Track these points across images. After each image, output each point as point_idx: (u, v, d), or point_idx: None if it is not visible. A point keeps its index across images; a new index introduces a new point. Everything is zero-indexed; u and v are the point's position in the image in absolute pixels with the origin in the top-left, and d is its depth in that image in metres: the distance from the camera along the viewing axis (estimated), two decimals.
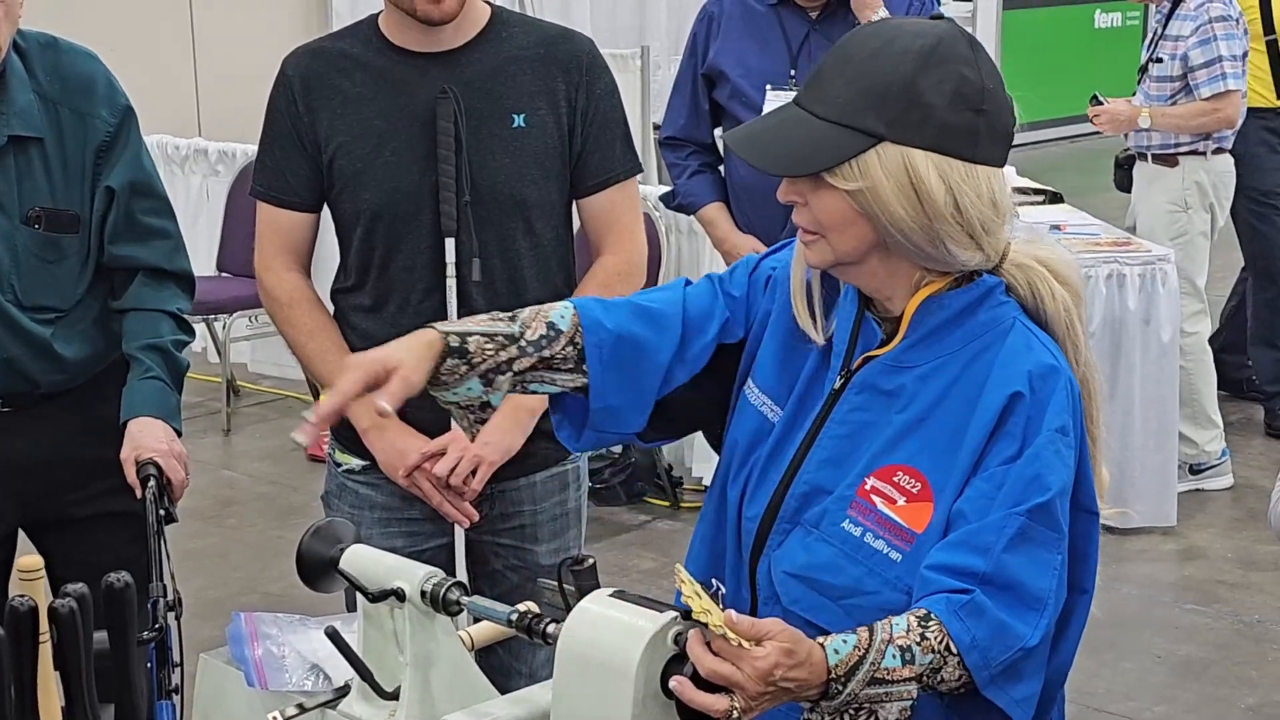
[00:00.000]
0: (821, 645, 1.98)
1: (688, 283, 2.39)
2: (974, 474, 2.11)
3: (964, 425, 2.13)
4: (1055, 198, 7.29)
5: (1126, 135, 6.78)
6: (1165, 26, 6.60)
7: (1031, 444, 2.10)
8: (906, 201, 2.09)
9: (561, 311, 2.28)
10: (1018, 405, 2.11)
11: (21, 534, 3.42)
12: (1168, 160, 6.64)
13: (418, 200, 3.13)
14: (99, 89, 3.28)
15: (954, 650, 2.02)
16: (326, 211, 3.28)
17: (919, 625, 2.02)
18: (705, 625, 1.90)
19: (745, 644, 1.90)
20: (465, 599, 2.16)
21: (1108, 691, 4.99)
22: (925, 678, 2.02)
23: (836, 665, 1.97)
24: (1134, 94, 6.78)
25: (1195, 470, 6.55)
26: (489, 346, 2.22)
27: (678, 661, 1.93)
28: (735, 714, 1.90)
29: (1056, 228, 6.55)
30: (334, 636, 2.17)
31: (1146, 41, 6.83)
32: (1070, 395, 2.15)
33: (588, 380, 2.26)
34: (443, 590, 2.15)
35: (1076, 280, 2.25)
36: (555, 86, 3.17)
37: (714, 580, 1.99)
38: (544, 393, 2.29)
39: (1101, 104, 6.71)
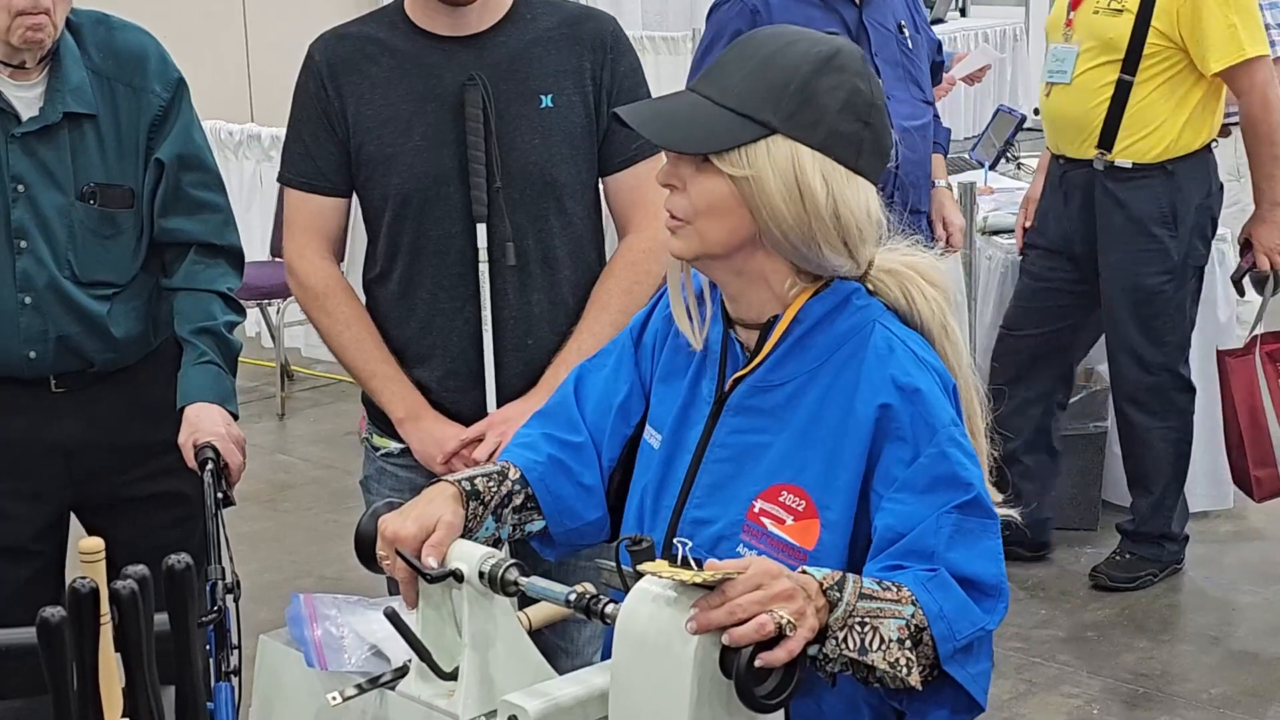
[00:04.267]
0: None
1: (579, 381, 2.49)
2: (881, 486, 2.13)
3: (839, 439, 2.16)
4: None
5: None
6: None
7: (931, 441, 2.12)
8: (789, 196, 2.12)
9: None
10: (892, 413, 2.13)
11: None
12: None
13: (447, 184, 3.13)
14: (151, 63, 3.30)
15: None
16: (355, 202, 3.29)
17: (891, 581, 2.06)
18: (702, 585, 1.92)
19: (732, 574, 1.93)
20: (523, 579, 2.16)
21: (1164, 673, 4.97)
22: (913, 634, 2.03)
23: (823, 579, 2.00)
24: None
25: None
26: (490, 485, 2.36)
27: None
28: (784, 620, 1.92)
29: None
30: (393, 617, 2.17)
31: None
32: (943, 389, 2.18)
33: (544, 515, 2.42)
34: (501, 571, 2.15)
35: (945, 283, 2.29)
36: (581, 65, 3.18)
37: (675, 542, 2.01)
38: (536, 530, 2.42)
39: None
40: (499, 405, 3.16)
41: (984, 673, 2.11)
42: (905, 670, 2.02)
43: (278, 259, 7.82)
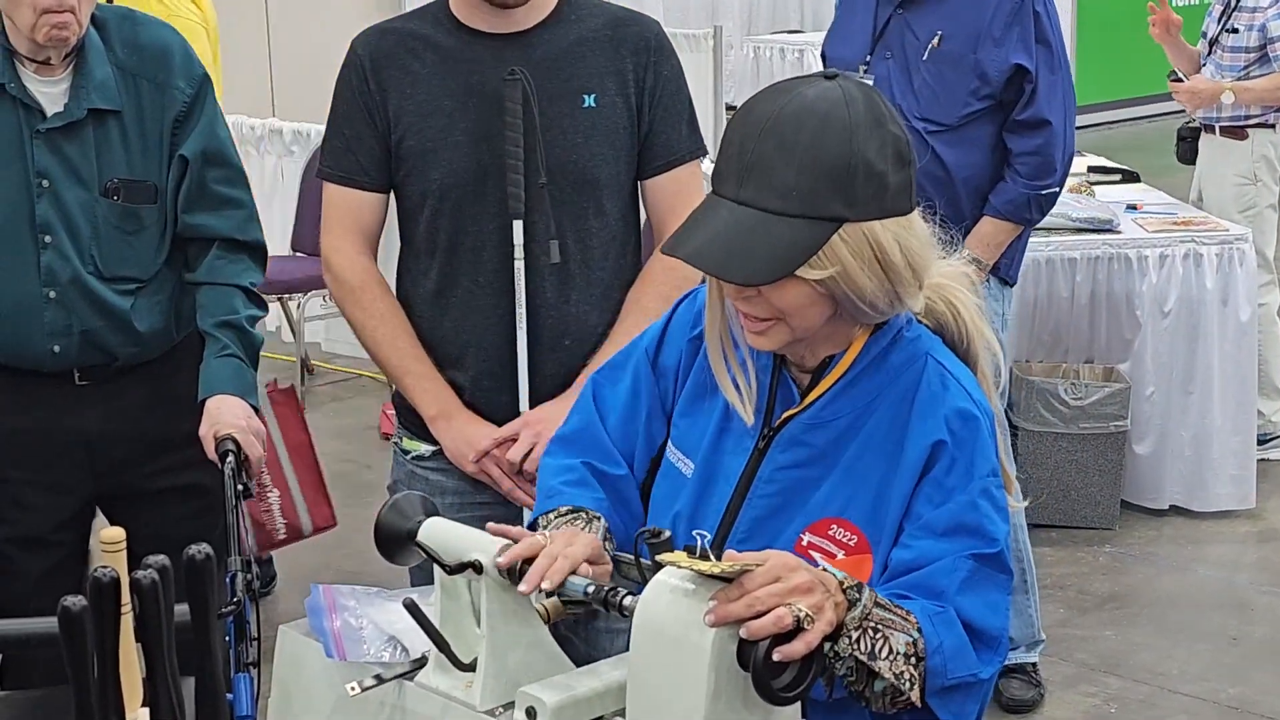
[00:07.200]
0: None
1: (596, 395, 2.44)
2: (907, 521, 2.14)
3: (891, 475, 2.16)
4: (1131, 177, 7.24)
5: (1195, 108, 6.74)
6: None
7: (964, 489, 2.12)
8: (873, 274, 2.09)
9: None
10: (941, 452, 2.13)
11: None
12: (1236, 133, 6.60)
13: (486, 181, 3.12)
14: (175, 59, 3.31)
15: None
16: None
17: (900, 605, 2.07)
18: (720, 576, 1.93)
19: (751, 566, 1.93)
20: None
21: (1182, 673, 4.97)
22: (918, 653, 2.04)
23: (843, 579, 2.01)
24: (1202, 65, 6.73)
25: (1261, 440, 6.47)
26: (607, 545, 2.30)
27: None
28: (802, 614, 1.92)
29: (1133, 207, 6.50)
30: (412, 608, 2.18)
31: (1215, 13, 6.77)
32: (990, 429, 2.17)
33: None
34: (519, 562, 2.16)
35: (976, 289, 2.29)
36: (624, 67, 3.18)
37: (695, 534, 2.01)
38: None
39: (1181, 81, 6.66)
40: (532, 406, 3.15)
41: (967, 715, 2.11)
42: (909, 685, 2.03)
43: (299, 254, 7.83)
